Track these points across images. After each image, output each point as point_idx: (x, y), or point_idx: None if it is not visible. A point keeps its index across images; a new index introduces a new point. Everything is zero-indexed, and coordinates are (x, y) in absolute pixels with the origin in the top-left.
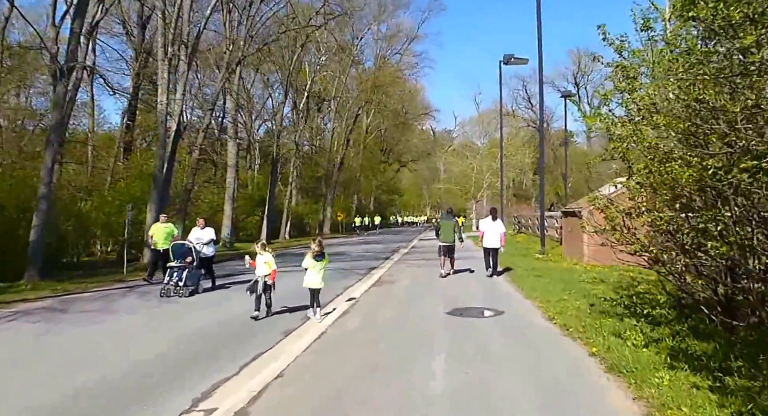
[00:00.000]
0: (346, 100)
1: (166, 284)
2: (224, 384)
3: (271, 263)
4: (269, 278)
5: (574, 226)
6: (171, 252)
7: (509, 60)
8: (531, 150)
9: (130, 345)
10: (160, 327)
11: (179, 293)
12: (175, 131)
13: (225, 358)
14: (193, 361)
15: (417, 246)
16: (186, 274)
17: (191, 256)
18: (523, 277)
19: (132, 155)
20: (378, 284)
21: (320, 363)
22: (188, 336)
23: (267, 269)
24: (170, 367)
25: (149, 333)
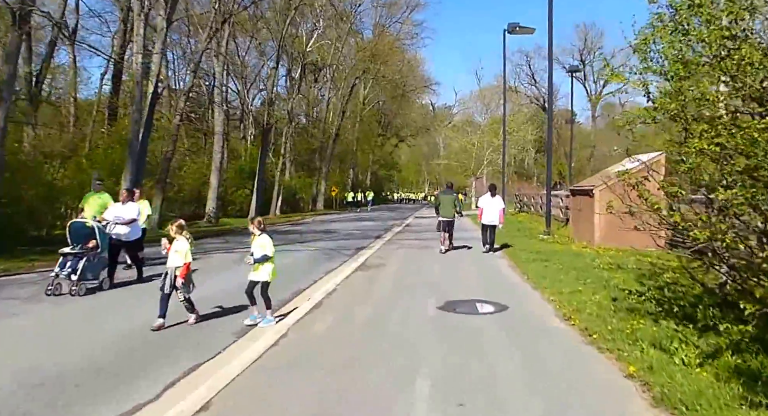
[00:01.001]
0: (343, 69)
1: (55, 278)
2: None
3: (183, 253)
4: (179, 273)
5: (583, 205)
6: (68, 233)
7: (514, 29)
8: (533, 127)
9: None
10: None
11: (73, 290)
12: (153, 93)
13: (105, 398)
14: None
15: (412, 225)
16: (84, 264)
17: (95, 239)
18: (529, 262)
19: (118, 121)
20: (363, 268)
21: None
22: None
23: (178, 260)
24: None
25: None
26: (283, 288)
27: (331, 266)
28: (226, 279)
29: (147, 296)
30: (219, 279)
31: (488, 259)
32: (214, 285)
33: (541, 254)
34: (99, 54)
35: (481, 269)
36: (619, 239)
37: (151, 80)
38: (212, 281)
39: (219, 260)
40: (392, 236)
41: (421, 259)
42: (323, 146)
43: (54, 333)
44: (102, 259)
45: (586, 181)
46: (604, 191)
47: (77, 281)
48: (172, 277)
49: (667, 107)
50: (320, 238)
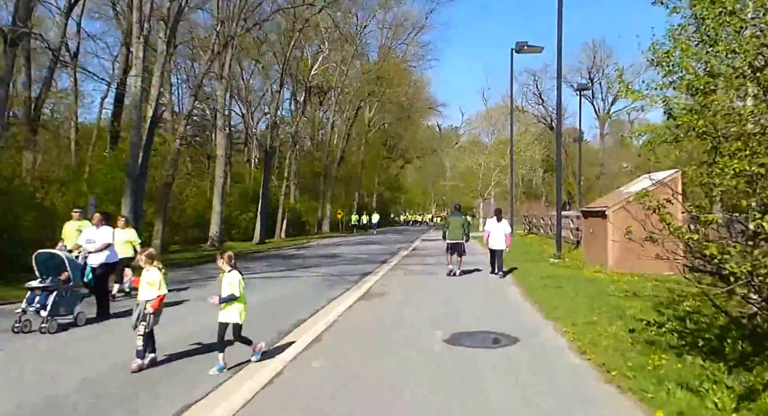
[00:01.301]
0: (348, 92)
1: (22, 314)
2: None
3: (156, 284)
4: (151, 306)
5: (595, 227)
6: (35, 265)
7: (522, 48)
8: (541, 147)
9: None
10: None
11: (42, 327)
12: (152, 116)
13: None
14: None
15: (418, 248)
16: (54, 298)
17: (66, 271)
18: (540, 288)
19: (119, 145)
20: (366, 297)
21: None
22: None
23: (150, 292)
24: None
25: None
26: (283, 319)
27: (334, 294)
28: None
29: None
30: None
31: (498, 285)
32: (213, 316)
33: (552, 280)
34: (96, 78)
35: (491, 296)
36: (634, 264)
37: (151, 103)
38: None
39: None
40: (398, 261)
41: (427, 286)
42: (328, 168)
43: (16, 373)
44: (76, 292)
45: (598, 201)
46: (617, 212)
47: (48, 317)
48: (142, 310)
49: (693, 124)
50: (324, 263)
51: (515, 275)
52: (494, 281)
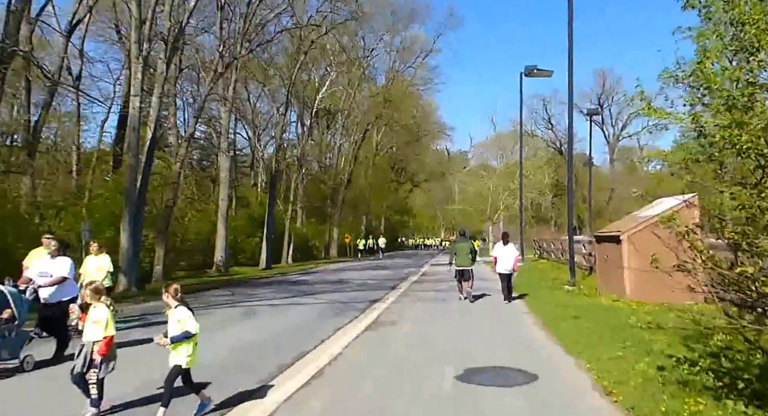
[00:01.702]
0: (356, 115)
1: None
2: None
3: (102, 323)
4: (99, 349)
5: (610, 253)
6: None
7: (531, 72)
8: (551, 171)
9: None
10: None
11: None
12: (151, 138)
13: None
14: None
15: (428, 273)
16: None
17: (10, 308)
18: (558, 319)
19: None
20: (374, 326)
21: None
22: None
23: (97, 332)
24: None
25: None
26: (285, 350)
27: (341, 323)
28: (224, 340)
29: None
30: (215, 340)
31: (513, 315)
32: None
33: (569, 310)
34: (91, 100)
35: (506, 327)
36: (652, 292)
37: (150, 125)
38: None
39: (221, 316)
40: (408, 287)
41: (438, 314)
42: (335, 192)
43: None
44: (22, 333)
45: (611, 226)
46: (632, 237)
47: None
48: (88, 353)
49: (734, 140)
50: (331, 289)
51: (530, 304)
52: (509, 310)
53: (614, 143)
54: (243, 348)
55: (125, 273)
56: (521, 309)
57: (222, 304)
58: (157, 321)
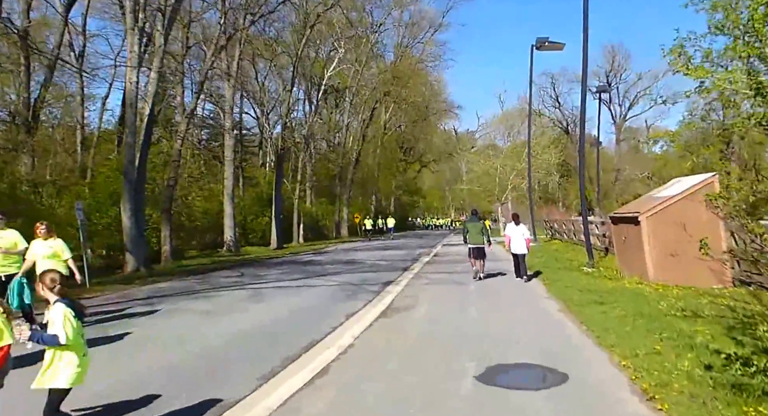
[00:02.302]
0: (364, 93)
1: None
2: None
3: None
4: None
5: (628, 235)
6: None
7: (543, 44)
8: (558, 151)
9: None
10: None
11: None
12: (149, 114)
13: None
14: None
15: (440, 254)
16: None
17: None
18: (583, 304)
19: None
20: (388, 312)
21: None
22: None
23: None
24: None
25: None
26: (293, 339)
27: (353, 308)
28: (228, 326)
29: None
30: (218, 326)
31: (533, 300)
32: (209, 334)
33: (593, 294)
34: (88, 76)
35: (528, 314)
36: (675, 274)
37: (148, 101)
38: (209, 328)
39: (228, 299)
40: (421, 268)
41: (454, 299)
42: (343, 171)
43: None
44: None
45: (628, 207)
46: (652, 218)
47: None
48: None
49: None
50: (343, 270)
51: (551, 288)
52: (529, 294)
53: (621, 122)
54: (247, 335)
55: (131, 253)
56: (541, 293)
57: (230, 286)
58: (155, 308)
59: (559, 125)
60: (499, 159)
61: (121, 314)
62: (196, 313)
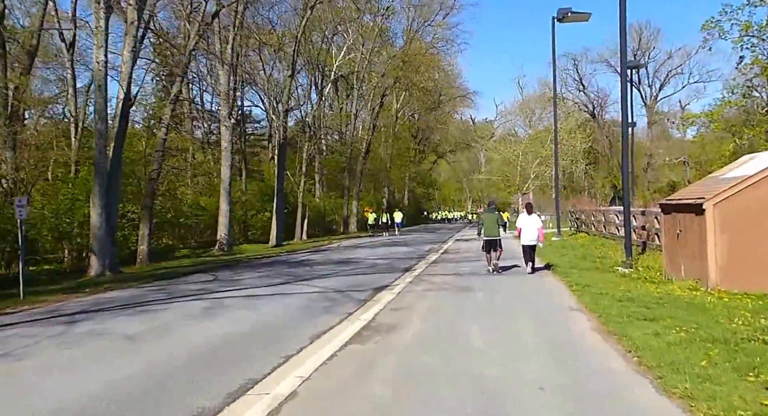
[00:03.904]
0: (372, 79)
1: None
2: None
3: None
4: None
5: (685, 226)
6: None
7: (565, 16)
8: (584, 136)
9: None
10: None
11: None
12: (124, 99)
13: None
14: None
15: (449, 251)
16: None
17: None
18: (625, 321)
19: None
20: (364, 335)
21: None
22: None
23: None
24: None
25: None
26: (230, 374)
27: (324, 325)
28: (131, 366)
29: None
30: (116, 365)
31: (558, 313)
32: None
33: (636, 305)
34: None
35: (551, 336)
36: (747, 278)
37: (123, 84)
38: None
39: (171, 315)
40: (424, 269)
41: (455, 312)
42: (352, 162)
43: None
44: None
45: (684, 192)
46: (722, 204)
47: None
48: None
49: None
50: (334, 272)
51: (579, 295)
52: (552, 305)
53: (652, 103)
54: (150, 377)
55: (96, 254)
56: (568, 303)
57: (190, 295)
58: (70, 330)
59: (585, 109)
60: (521, 145)
61: (19, 338)
62: (115, 338)
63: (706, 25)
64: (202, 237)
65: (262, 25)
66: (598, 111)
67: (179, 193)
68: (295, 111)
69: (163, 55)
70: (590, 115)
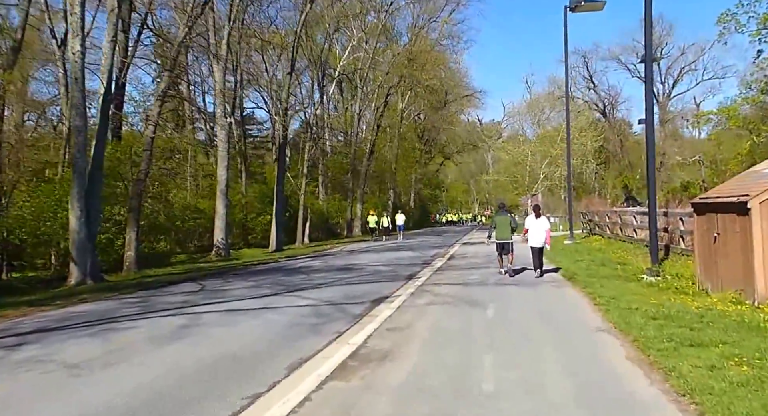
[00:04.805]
0: (376, 77)
1: None
2: None
3: None
4: None
5: (725, 228)
6: None
7: (578, 5)
8: (595, 135)
9: None
10: None
11: None
12: (104, 94)
13: None
14: None
15: (457, 256)
16: None
17: None
18: (667, 348)
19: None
20: (350, 367)
21: None
22: None
23: None
24: None
25: None
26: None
27: (308, 350)
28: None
29: None
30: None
31: (583, 336)
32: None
33: (676, 324)
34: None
35: (579, 370)
36: None
37: (103, 77)
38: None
39: (140, 336)
40: (429, 277)
41: (462, 335)
42: (356, 163)
43: None
44: None
45: (720, 188)
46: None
47: None
48: None
49: None
50: (331, 280)
51: (606, 311)
52: (574, 322)
53: (665, 101)
54: None
55: (76, 262)
56: (593, 322)
57: (167, 309)
58: (9, 356)
59: (595, 108)
60: (530, 145)
61: None
62: (56, 369)
63: (722, 18)
64: (201, 241)
65: (264, 22)
66: (608, 109)
67: (171, 195)
68: (299, 113)
69: (164, 57)
70: (601, 113)
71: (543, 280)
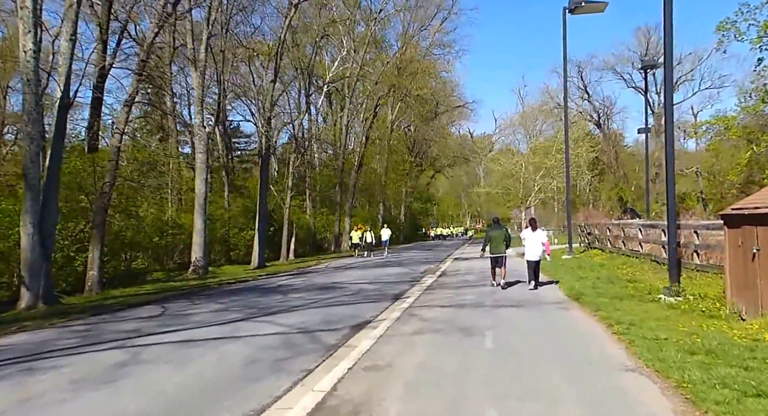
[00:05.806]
0: (366, 88)
1: None
2: None
3: None
4: None
5: (762, 243)
6: None
7: (578, 6)
8: (589, 147)
9: None
10: None
11: None
12: (60, 98)
13: None
14: None
15: (448, 273)
16: None
17: None
18: (727, 398)
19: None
20: (322, 412)
21: None
22: None
23: None
24: None
25: None
26: None
27: (265, 395)
28: None
29: None
30: None
31: (608, 376)
32: None
33: (724, 362)
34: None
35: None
36: None
37: (60, 81)
38: None
39: (53, 381)
40: (416, 298)
41: (456, 377)
42: (344, 176)
43: None
44: None
45: (758, 196)
46: None
47: None
48: None
49: None
50: (310, 301)
51: (630, 343)
52: (593, 359)
53: (660, 111)
54: None
55: (27, 284)
56: (617, 357)
57: (111, 340)
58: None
59: (590, 118)
60: (523, 156)
61: None
62: None
63: (721, 26)
64: (182, 258)
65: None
66: (603, 120)
67: (142, 210)
68: (288, 126)
69: (148, 67)
70: (595, 124)
71: (546, 301)
